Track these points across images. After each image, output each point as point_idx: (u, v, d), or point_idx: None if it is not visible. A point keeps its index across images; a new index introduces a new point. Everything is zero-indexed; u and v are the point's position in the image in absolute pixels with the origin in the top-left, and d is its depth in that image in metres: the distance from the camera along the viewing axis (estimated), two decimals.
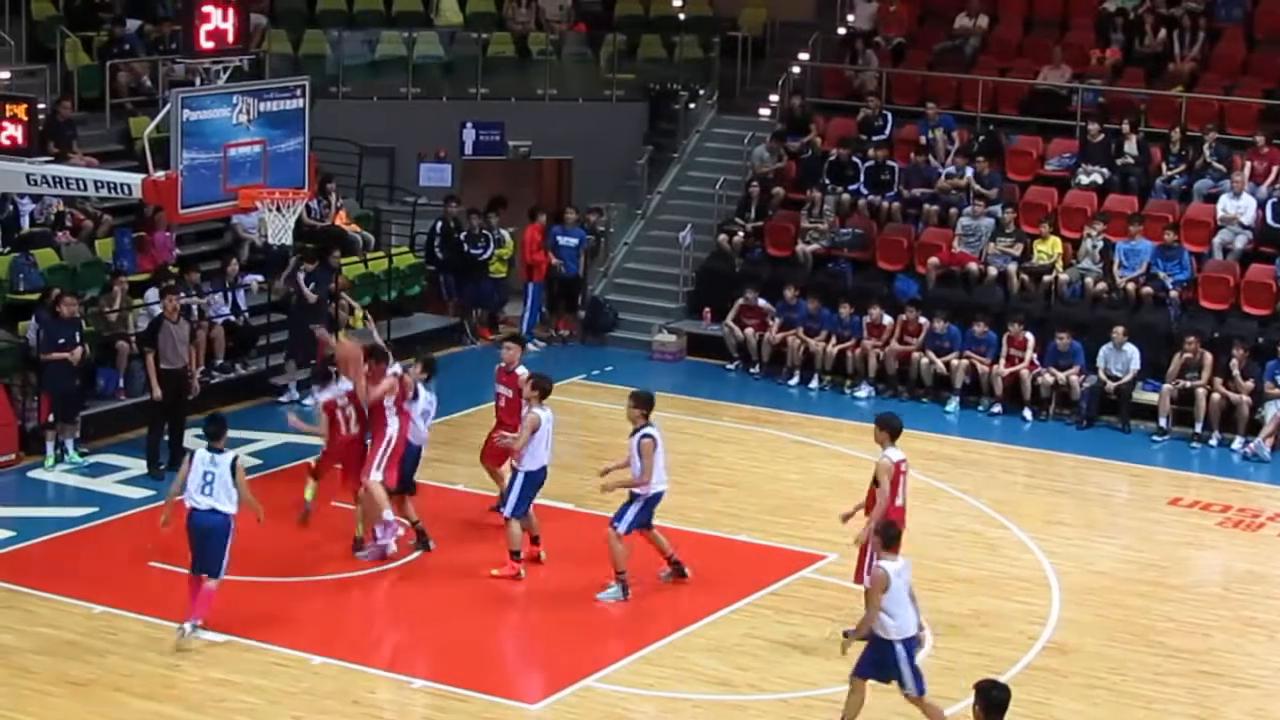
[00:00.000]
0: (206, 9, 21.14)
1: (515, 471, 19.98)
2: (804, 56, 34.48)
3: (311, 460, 21.62)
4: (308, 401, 24.76)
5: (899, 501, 18.26)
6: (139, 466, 23.59)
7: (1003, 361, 27.41)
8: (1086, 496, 24.12)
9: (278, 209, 22.00)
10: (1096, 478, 24.90)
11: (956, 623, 19.14)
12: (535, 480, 20.01)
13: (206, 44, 21.43)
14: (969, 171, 30.43)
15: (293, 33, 34.15)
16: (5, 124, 22.07)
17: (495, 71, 34.80)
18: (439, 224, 31.02)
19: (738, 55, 35.13)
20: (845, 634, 16.77)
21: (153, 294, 26.25)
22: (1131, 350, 26.76)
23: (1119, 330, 26.86)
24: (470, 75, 34.61)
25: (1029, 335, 27.35)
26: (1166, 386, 26.49)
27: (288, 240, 23.26)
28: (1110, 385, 26.77)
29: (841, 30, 35.26)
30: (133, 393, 25.39)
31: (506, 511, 20.00)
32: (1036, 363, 27.28)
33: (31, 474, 23.42)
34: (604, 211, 32.41)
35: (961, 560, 21.16)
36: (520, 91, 34.74)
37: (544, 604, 19.56)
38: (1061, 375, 27.03)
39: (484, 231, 30.77)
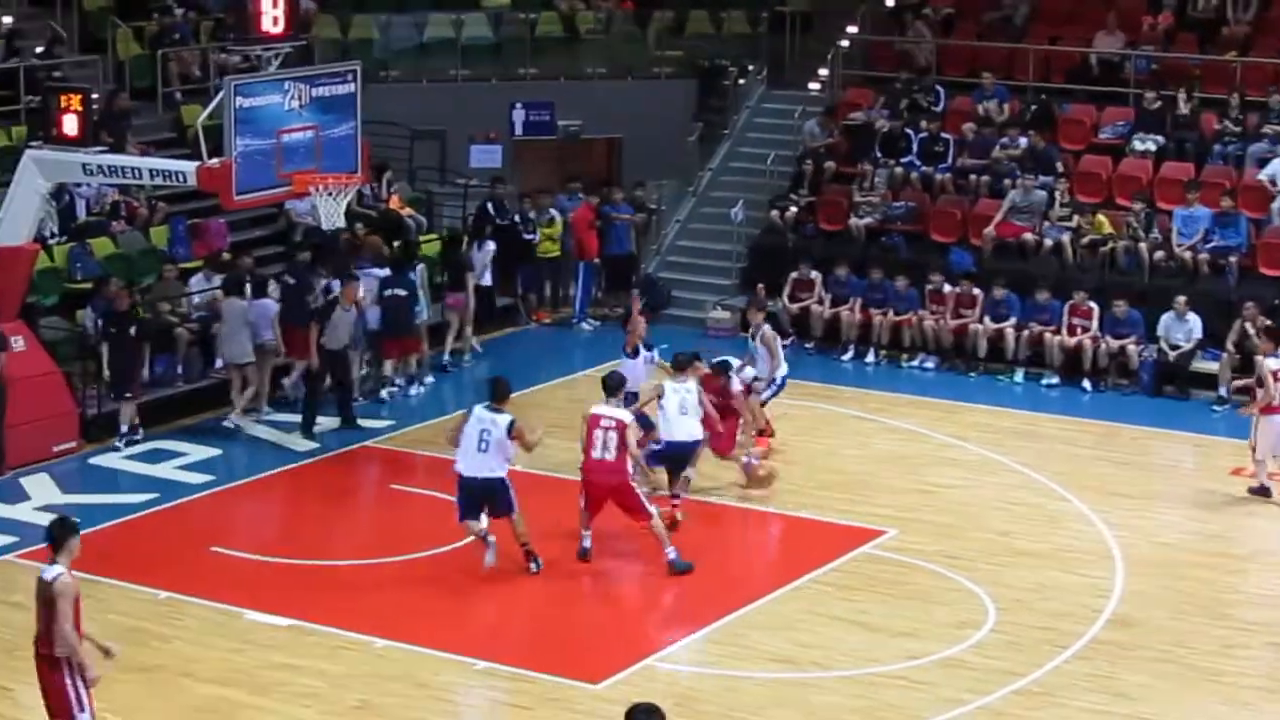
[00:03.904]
0: None
1: None
2: (852, 29, 34.36)
3: None
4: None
5: None
6: (198, 452, 23.70)
7: (1064, 331, 27.29)
8: (1148, 467, 23.96)
9: (329, 194, 22.09)
10: (1157, 448, 24.76)
11: (1020, 596, 19.05)
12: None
13: (259, 31, 21.49)
14: (1023, 142, 30.28)
15: (341, 18, 34.21)
16: (62, 115, 22.22)
17: (544, 51, 34.80)
18: (488, 204, 30.94)
19: (786, 30, 35.04)
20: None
21: (198, 279, 26.35)
22: (1194, 319, 26.58)
23: (1180, 300, 26.68)
24: (519, 56, 34.62)
25: (1093, 305, 27.21)
26: (1226, 355, 26.31)
27: (339, 224, 23.38)
28: (1172, 354, 26.61)
29: (890, 2, 35.13)
30: (189, 379, 25.58)
31: None
32: (1098, 334, 27.15)
33: (93, 460, 23.54)
34: (648, 186, 32.32)
35: (1023, 533, 21.06)
36: (569, 71, 34.75)
37: (606, 584, 19.57)
38: (1115, 344, 26.92)
39: (530, 215, 30.65)
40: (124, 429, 23.91)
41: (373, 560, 20.02)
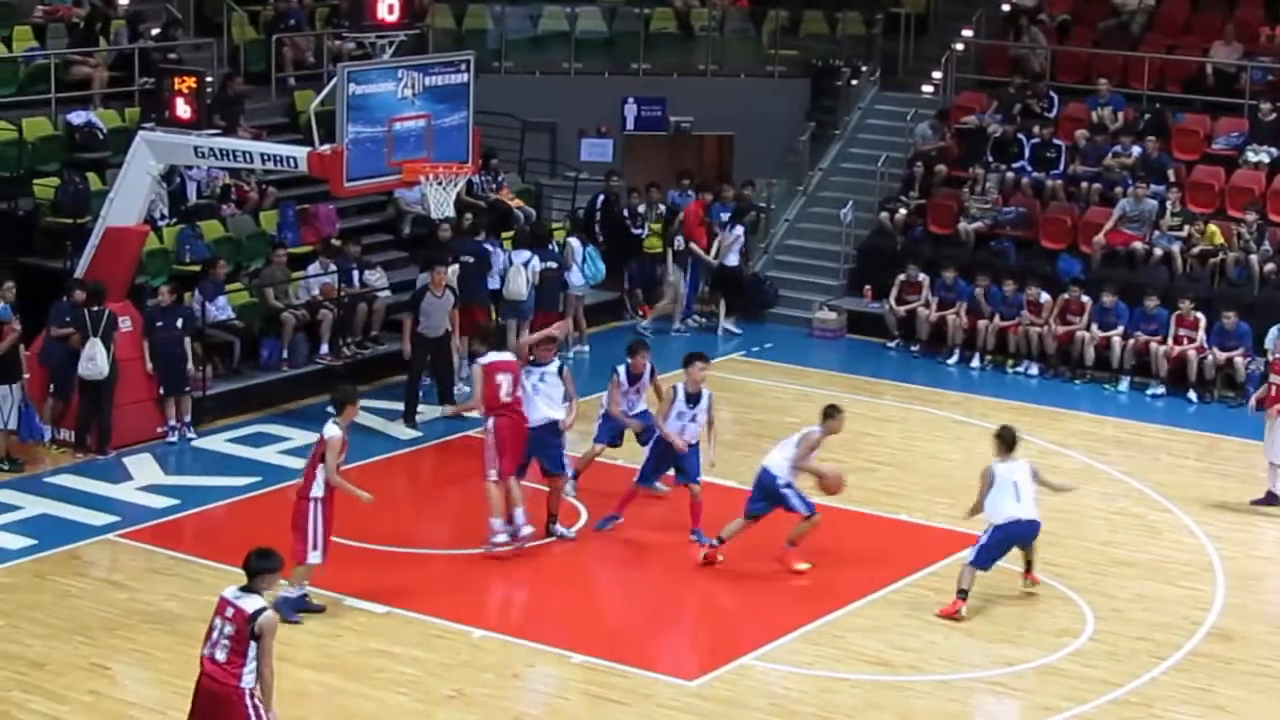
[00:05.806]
0: None
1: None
2: (967, 33, 34.19)
3: None
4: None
5: None
6: (302, 437, 23.77)
7: (1170, 341, 27.06)
8: (1252, 480, 23.65)
9: (439, 183, 22.16)
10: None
11: (1119, 607, 18.91)
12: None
13: (374, 19, 21.60)
14: (1136, 150, 30.03)
15: (455, 7, 34.36)
16: (175, 97, 22.41)
17: (657, 47, 34.85)
18: (600, 198, 30.96)
19: (900, 32, 34.93)
20: None
21: (314, 267, 26.54)
22: None
23: None
24: (632, 51, 34.66)
25: (1200, 315, 26.96)
26: None
27: (449, 213, 23.46)
28: None
29: (1005, 7, 34.91)
30: (295, 364, 25.76)
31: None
32: (1205, 345, 26.90)
33: (197, 443, 23.73)
34: (755, 185, 32.23)
35: (1124, 544, 20.90)
36: (682, 67, 34.79)
37: (703, 582, 19.52)
38: (1223, 355, 26.66)
39: (640, 210, 30.63)
40: (187, 418, 23.99)
41: (471, 550, 20.05)
